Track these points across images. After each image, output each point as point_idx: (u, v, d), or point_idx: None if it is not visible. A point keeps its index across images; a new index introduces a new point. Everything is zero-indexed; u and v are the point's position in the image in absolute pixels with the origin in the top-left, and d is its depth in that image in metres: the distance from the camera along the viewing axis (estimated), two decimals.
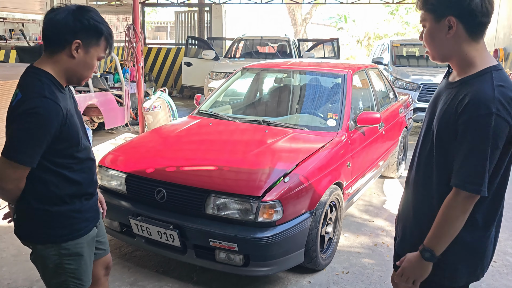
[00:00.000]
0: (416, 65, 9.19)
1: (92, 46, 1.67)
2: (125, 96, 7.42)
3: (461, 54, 1.48)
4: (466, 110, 1.40)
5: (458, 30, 1.44)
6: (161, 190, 2.84)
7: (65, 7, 1.66)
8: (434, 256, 1.50)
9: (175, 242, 2.77)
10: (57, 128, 1.62)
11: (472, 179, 1.40)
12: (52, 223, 1.74)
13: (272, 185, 2.71)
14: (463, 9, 1.41)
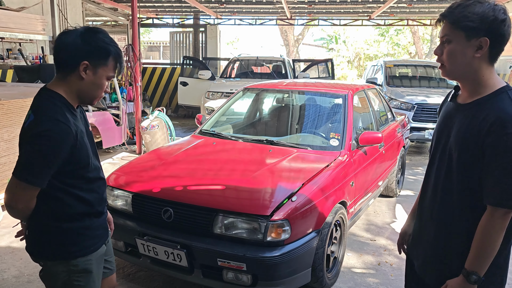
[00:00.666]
0: (410, 85, 9.35)
1: (100, 66, 1.71)
2: (122, 116, 7.43)
3: (478, 74, 1.52)
4: (492, 131, 1.43)
5: (485, 52, 1.49)
6: (168, 210, 2.84)
7: (74, 30, 1.71)
8: (480, 278, 1.51)
9: (182, 262, 2.76)
10: (68, 151, 1.65)
11: (508, 196, 1.43)
12: (63, 240, 1.77)
13: (280, 205, 2.73)
14: (499, 34, 1.47)
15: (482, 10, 1.47)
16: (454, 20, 1.50)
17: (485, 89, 1.52)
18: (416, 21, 14.97)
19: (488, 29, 1.46)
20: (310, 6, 12.16)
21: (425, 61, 12.55)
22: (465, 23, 1.48)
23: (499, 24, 1.46)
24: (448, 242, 1.61)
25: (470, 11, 1.47)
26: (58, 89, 1.71)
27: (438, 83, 9.50)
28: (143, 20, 14.64)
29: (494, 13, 1.46)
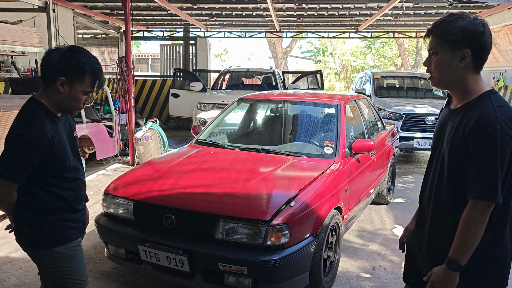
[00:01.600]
0: (397, 96, 9.57)
1: (76, 82, 1.90)
2: (115, 127, 7.48)
3: (464, 82, 1.69)
4: (473, 130, 1.60)
5: (468, 62, 1.65)
6: (170, 216, 2.91)
7: (59, 48, 1.93)
8: (460, 266, 1.64)
9: (184, 267, 2.83)
10: (43, 152, 1.87)
11: (487, 190, 1.57)
12: (42, 231, 1.98)
13: (279, 210, 2.82)
14: (479, 45, 1.63)
15: (463, 25, 1.63)
16: (439, 35, 1.67)
17: (471, 94, 1.68)
18: (401, 33, 15.32)
19: (470, 41, 1.62)
20: (299, 19, 12.40)
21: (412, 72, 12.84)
22: (449, 37, 1.64)
23: (478, 36, 1.62)
24: (441, 236, 1.75)
25: (453, 26, 1.64)
26: (41, 99, 1.94)
27: (425, 94, 9.74)
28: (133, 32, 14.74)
29: (474, 27, 1.62)
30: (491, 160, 1.57)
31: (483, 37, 1.62)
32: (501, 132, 1.55)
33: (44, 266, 2.04)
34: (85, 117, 6.76)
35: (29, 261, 3.65)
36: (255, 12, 11.47)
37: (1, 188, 1.89)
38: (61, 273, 2.01)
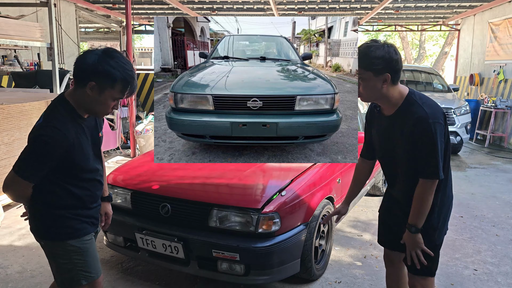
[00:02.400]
0: None
1: (106, 88, 1.87)
2: (116, 120, 7.59)
3: (389, 96, 2.08)
4: (415, 127, 2.00)
5: (389, 82, 2.03)
6: (166, 205, 3.02)
7: (94, 50, 1.89)
8: (418, 229, 2.11)
9: (179, 254, 2.94)
10: (62, 155, 1.87)
11: (434, 171, 2.03)
12: (56, 223, 2.00)
13: (270, 199, 2.92)
14: (395, 68, 2.02)
15: (382, 55, 1.99)
16: (364, 66, 2.03)
17: (398, 101, 2.09)
18: (403, 26, 15.31)
19: (388, 67, 2.01)
20: (300, 13, 12.44)
21: (412, 66, 12.83)
22: (372, 67, 2.01)
23: (394, 62, 2.01)
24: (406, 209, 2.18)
25: (374, 57, 1.99)
26: (70, 98, 1.95)
27: (425, 87, 9.79)
28: (135, 26, 14.82)
29: (390, 55, 2.00)
30: (433, 147, 1.99)
31: (397, 62, 2.01)
32: (433, 123, 1.98)
33: (55, 257, 2.05)
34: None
35: (32, 249, 3.79)
36: (256, 5, 11.53)
37: (17, 184, 1.89)
38: (73, 265, 2.03)
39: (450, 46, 19.55)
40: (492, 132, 9.99)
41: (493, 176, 7.00)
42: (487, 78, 11.32)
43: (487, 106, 10.23)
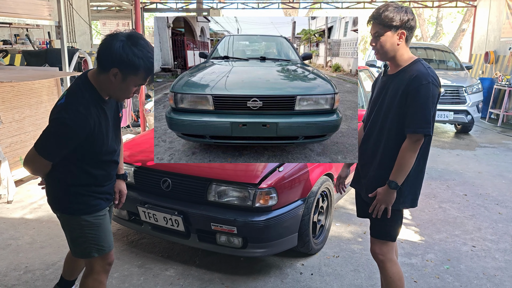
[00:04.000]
0: None
1: (129, 75, 1.88)
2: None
3: (402, 53, 2.20)
4: (413, 82, 2.10)
5: (404, 41, 2.17)
6: (166, 180, 3.11)
7: (121, 35, 1.87)
8: (397, 186, 2.19)
9: (179, 227, 3.04)
10: (82, 138, 1.91)
11: (422, 125, 2.09)
12: (71, 199, 2.07)
13: (267, 174, 2.99)
14: (409, 25, 2.15)
15: (398, 13, 2.13)
16: (383, 23, 2.15)
17: (406, 61, 2.21)
18: (419, 3, 14.98)
19: (402, 25, 2.13)
20: None
21: (425, 43, 12.62)
22: (390, 24, 2.13)
23: (410, 21, 2.15)
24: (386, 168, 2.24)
25: (391, 15, 2.12)
26: (92, 80, 1.97)
27: (438, 65, 9.65)
28: (146, 5, 14.80)
29: (407, 15, 2.14)
30: (426, 103, 2.08)
31: (413, 21, 2.15)
32: (432, 84, 2.09)
33: (70, 230, 2.13)
34: None
35: (42, 222, 3.95)
36: None
37: (37, 162, 1.95)
38: (87, 239, 2.10)
39: (468, 23, 19.08)
40: (505, 111, 9.84)
41: (503, 155, 6.95)
42: (503, 56, 11.07)
43: (501, 85, 10.05)
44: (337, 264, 3.33)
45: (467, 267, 3.32)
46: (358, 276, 3.17)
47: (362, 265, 3.33)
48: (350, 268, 3.28)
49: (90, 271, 2.20)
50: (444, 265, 3.33)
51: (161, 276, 3.11)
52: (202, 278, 3.10)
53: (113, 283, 3.01)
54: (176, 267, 3.23)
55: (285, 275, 3.15)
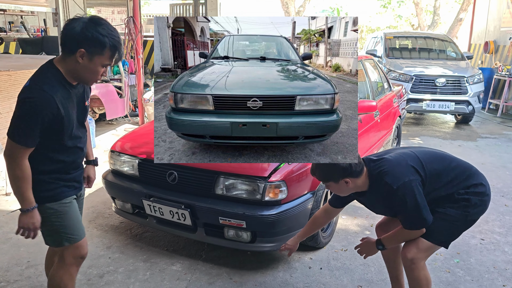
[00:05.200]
0: (409, 57, 9.42)
1: (95, 55, 1.89)
2: (124, 88, 7.55)
3: (358, 186, 2.24)
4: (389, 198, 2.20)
5: (352, 180, 2.19)
6: (172, 173, 3.02)
7: (80, 18, 1.89)
8: (384, 248, 2.36)
9: (186, 221, 2.96)
10: (49, 117, 1.88)
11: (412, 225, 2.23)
12: (36, 187, 2.01)
13: (277, 167, 2.91)
14: (348, 173, 2.17)
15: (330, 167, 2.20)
16: (321, 179, 2.28)
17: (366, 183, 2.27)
18: None
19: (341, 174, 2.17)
20: None
21: (425, 32, 12.54)
22: (327, 179, 2.22)
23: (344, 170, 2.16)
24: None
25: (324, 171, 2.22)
26: (58, 65, 1.96)
27: (438, 55, 9.57)
28: None
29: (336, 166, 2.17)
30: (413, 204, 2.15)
31: (347, 169, 2.15)
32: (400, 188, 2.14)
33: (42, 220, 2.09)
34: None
35: None
36: None
37: (15, 153, 1.90)
38: (55, 227, 2.09)
39: (465, 12, 18.96)
40: (505, 102, 9.80)
41: (504, 146, 6.91)
42: (503, 46, 11.01)
43: (501, 75, 10.00)
44: (345, 258, 3.28)
45: (477, 261, 3.28)
46: (368, 271, 3.12)
47: (371, 259, 3.26)
48: (360, 262, 3.22)
49: (61, 263, 2.19)
50: (454, 259, 3.28)
51: (168, 271, 3.04)
52: (210, 272, 3.03)
53: (119, 278, 2.93)
54: (182, 262, 3.16)
55: (293, 270, 3.10)
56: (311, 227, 2.63)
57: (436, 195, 2.23)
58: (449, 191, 2.23)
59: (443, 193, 2.23)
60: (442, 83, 7.92)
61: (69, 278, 2.20)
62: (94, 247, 3.31)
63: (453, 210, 2.23)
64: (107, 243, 3.42)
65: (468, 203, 2.22)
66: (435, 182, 2.22)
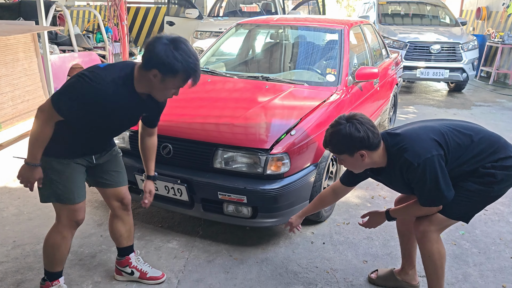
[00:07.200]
0: (402, 23, 9.19)
1: (168, 77, 1.89)
2: (109, 56, 7.21)
3: (374, 162, 2.06)
4: (407, 174, 2.01)
5: (368, 153, 2.00)
6: (167, 146, 2.83)
7: (163, 39, 1.87)
8: (393, 220, 2.30)
9: (183, 197, 2.79)
10: (91, 102, 1.90)
11: (429, 202, 2.09)
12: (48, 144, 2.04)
13: (279, 139, 2.73)
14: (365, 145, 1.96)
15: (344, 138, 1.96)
16: (334, 151, 2.07)
17: (383, 159, 2.07)
18: None
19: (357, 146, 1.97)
20: None
21: None
22: (343, 151, 2.02)
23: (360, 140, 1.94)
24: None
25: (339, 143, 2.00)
26: (135, 72, 1.96)
27: (431, 21, 9.36)
28: None
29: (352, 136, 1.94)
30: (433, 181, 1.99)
31: (363, 139, 1.94)
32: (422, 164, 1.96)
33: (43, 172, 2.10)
34: (76, 46, 6.49)
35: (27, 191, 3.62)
36: None
37: (48, 111, 1.92)
38: (48, 181, 2.08)
39: None
40: (497, 69, 9.70)
41: (499, 114, 6.84)
42: (495, 12, 10.83)
43: (494, 42, 9.86)
44: (348, 232, 3.17)
45: (483, 232, 3.20)
46: (373, 244, 3.01)
47: (375, 232, 3.16)
48: (363, 236, 3.11)
49: (56, 222, 2.22)
50: (459, 231, 3.20)
51: (164, 249, 2.89)
52: (208, 250, 2.89)
53: (112, 258, 2.77)
54: (178, 239, 3.01)
55: (296, 245, 2.97)
56: (316, 205, 2.50)
57: (459, 171, 2.05)
58: (473, 166, 2.05)
59: (467, 168, 2.04)
60: (437, 50, 7.74)
61: (62, 239, 2.22)
62: (84, 225, 3.10)
63: (475, 185, 2.04)
64: (98, 220, 3.24)
65: (494, 179, 2.04)
66: (459, 158, 2.03)
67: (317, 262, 2.79)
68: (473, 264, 2.81)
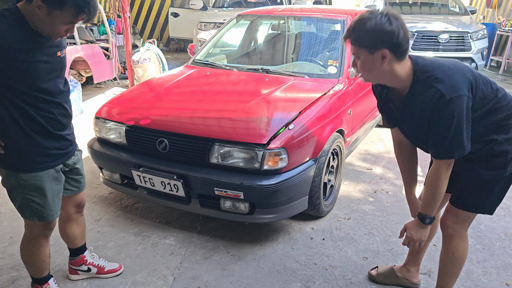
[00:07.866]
0: (410, 12, 9.01)
1: (54, 9, 1.68)
2: (112, 49, 7.17)
3: (394, 75, 1.76)
4: (438, 102, 1.70)
5: (391, 58, 1.70)
6: (163, 141, 2.78)
7: None
8: (432, 219, 1.90)
9: (179, 192, 2.75)
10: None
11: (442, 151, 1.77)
12: (9, 152, 1.86)
13: (277, 133, 2.67)
14: (392, 42, 1.65)
15: (371, 28, 1.64)
16: (355, 41, 1.71)
17: (406, 80, 1.78)
18: None
19: (382, 41, 1.65)
20: None
21: None
22: (364, 44, 1.69)
23: (389, 34, 1.64)
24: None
25: (363, 32, 1.67)
26: (22, 7, 1.72)
27: (440, 9, 9.16)
28: None
29: (381, 27, 1.63)
30: (458, 123, 1.69)
31: (393, 34, 1.64)
32: (453, 99, 1.67)
33: (9, 188, 1.96)
34: (78, 38, 6.45)
35: None
36: None
37: None
38: (26, 199, 1.94)
39: None
40: (507, 58, 9.49)
41: None
42: (506, 0, 10.58)
43: (504, 30, 9.64)
44: (349, 227, 3.10)
45: (487, 228, 3.12)
46: (373, 240, 2.95)
47: (376, 227, 3.10)
48: (364, 232, 3.05)
49: (29, 233, 2.09)
50: None
51: (161, 245, 2.85)
52: (205, 246, 2.85)
53: (108, 254, 2.74)
54: (176, 235, 2.97)
55: (294, 241, 2.92)
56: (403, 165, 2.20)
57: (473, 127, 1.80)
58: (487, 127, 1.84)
59: (480, 127, 1.83)
60: (445, 39, 7.57)
61: (38, 248, 2.11)
62: None
63: (486, 172, 1.87)
64: (96, 215, 3.21)
65: (505, 158, 1.85)
66: (478, 109, 1.81)
67: (316, 258, 2.74)
68: (476, 261, 2.74)
